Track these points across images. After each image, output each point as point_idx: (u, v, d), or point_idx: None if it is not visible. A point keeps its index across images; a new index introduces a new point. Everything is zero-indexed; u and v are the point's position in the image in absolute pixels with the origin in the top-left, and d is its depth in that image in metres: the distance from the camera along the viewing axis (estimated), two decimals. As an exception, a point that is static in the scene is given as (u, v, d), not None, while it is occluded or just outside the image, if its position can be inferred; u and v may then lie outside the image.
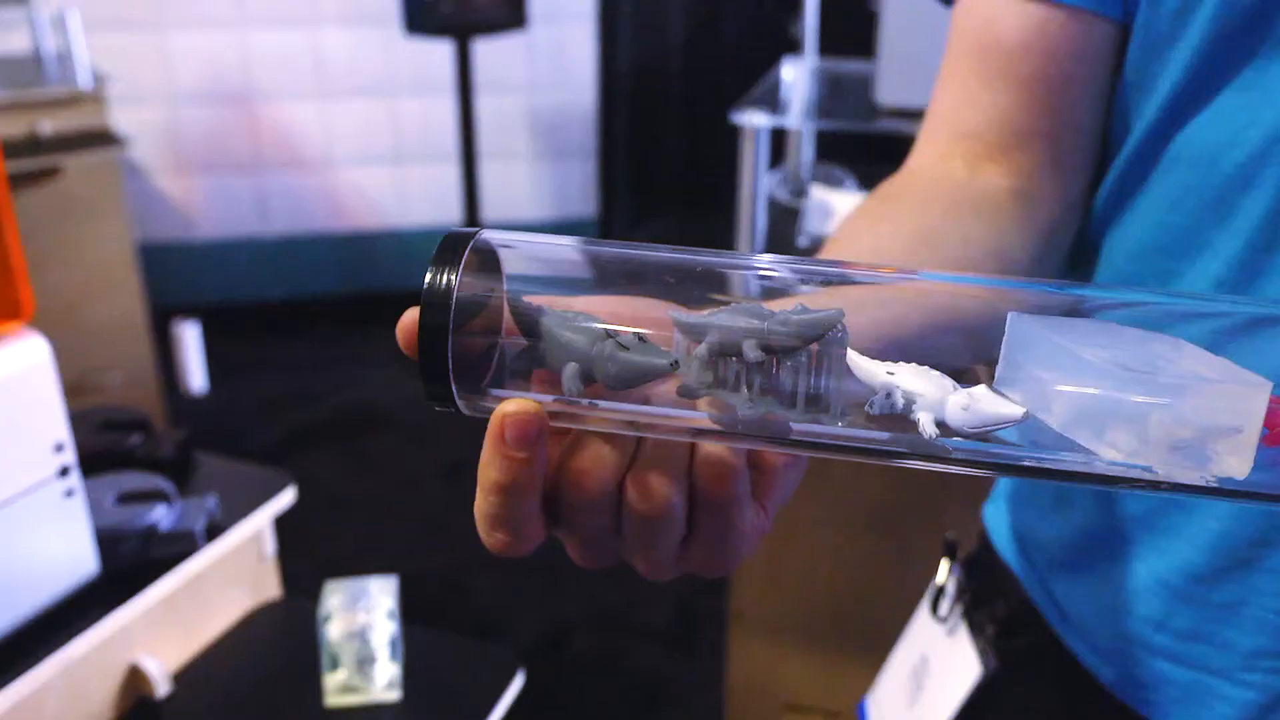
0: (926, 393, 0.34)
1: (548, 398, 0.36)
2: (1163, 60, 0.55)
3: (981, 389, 0.34)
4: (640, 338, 0.34)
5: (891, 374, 0.34)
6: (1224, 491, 0.33)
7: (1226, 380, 0.33)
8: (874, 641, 0.99)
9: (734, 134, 1.65)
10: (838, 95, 1.83)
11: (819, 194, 1.60)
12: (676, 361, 0.34)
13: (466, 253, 0.35)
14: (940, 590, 0.78)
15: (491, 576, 2.27)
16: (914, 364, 0.34)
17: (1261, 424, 0.32)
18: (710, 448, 0.36)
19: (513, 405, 0.34)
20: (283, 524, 1.02)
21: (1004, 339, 0.36)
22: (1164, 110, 0.56)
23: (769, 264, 0.37)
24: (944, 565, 0.78)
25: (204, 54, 3.18)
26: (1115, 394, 0.33)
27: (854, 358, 0.35)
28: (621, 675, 2.03)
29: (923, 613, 0.80)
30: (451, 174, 3.35)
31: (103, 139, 2.38)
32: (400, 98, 3.35)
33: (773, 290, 0.37)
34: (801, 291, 0.37)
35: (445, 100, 3.26)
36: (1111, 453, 0.34)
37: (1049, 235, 0.60)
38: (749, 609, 1.63)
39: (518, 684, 0.94)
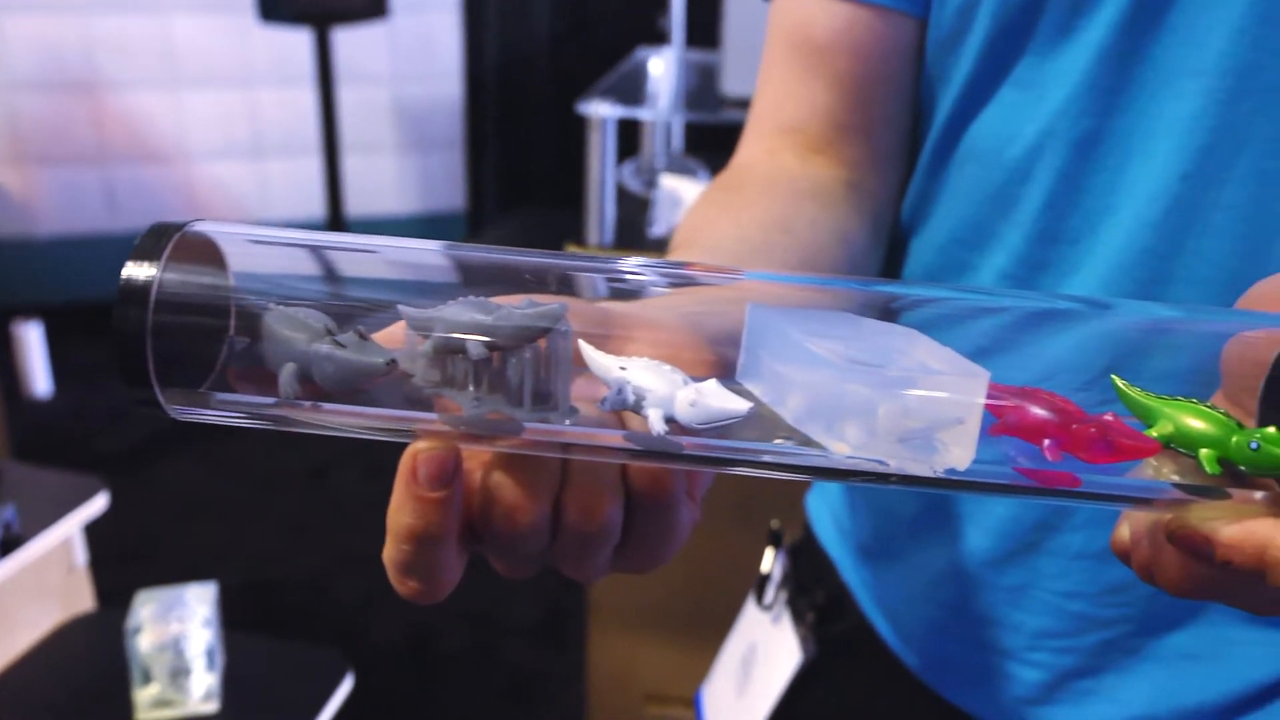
0: (656, 388, 0.33)
1: (268, 400, 0.34)
2: (953, 56, 0.56)
3: (711, 384, 0.33)
4: (361, 335, 0.33)
5: (624, 369, 0.33)
6: (951, 482, 0.33)
7: (948, 371, 0.33)
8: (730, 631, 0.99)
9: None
10: (692, 86, 1.83)
11: (669, 184, 1.60)
12: (394, 360, 0.32)
13: (171, 245, 0.33)
14: (765, 579, 0.78)
15: (356, 579, 2.22)
16: (646, 359, 0.34)
17: (981, 413, 0.32)
18: None
19: (424, 442, 0.33)
20: (137, 531, 0.97)
21: (744, 331, 0.36)
22: (956, 105, 0.57)
23: (508, 257, 0.36)
24: (769, 554, 0.78)
25: (41, 39, 3.02)
26: (843, 387, 0.33)
27: (589, 352, 0.34)
28: (489, 672, 2.01)
29: (750, 602, 0.81)
30: (314, 167, 3.26)
31: (-74, 129, 2.25)
32: (258, 88, 3.24)
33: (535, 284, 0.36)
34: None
35: (305, 91, 3.17)
36: (842, 446, 0.33)
37: (877, 224, 0.61)
38: (607, 602, 1.62)
39: (346, 687, 0.92)
